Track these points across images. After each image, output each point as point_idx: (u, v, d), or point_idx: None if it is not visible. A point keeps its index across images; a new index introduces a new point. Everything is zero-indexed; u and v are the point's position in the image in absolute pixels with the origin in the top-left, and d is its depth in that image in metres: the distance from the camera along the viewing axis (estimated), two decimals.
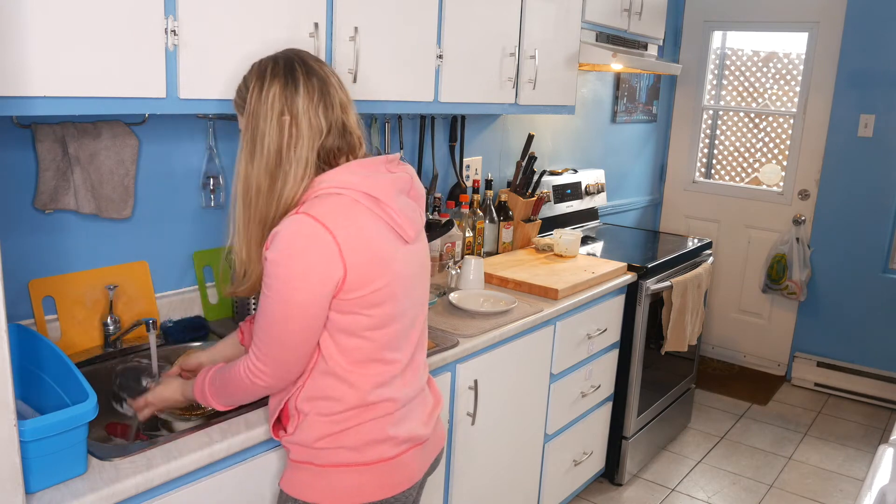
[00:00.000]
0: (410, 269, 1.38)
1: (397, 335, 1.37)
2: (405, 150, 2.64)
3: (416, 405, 1.45)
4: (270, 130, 1.29)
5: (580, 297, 2.53)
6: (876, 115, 3.87)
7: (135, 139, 1.81)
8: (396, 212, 1.33)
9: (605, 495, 3.05)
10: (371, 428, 1.35)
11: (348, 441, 1.34)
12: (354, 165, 1.33)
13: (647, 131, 4.40)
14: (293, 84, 1.30)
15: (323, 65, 1.37)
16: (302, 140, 1.30)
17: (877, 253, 3.98)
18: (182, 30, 1.49)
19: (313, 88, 1.31)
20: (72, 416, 1.22)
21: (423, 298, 1.47)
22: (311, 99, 1.30)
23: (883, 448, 1.57)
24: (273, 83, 1.30)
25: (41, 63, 1.30)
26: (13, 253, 1.65)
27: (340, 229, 1.25)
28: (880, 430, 3.76)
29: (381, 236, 1.31)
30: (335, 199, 1.28)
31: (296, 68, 1.31)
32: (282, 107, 1.29)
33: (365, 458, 1.35)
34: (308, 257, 1.23)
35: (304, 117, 1.29)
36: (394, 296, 1.34)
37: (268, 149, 1.30)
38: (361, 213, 1.29)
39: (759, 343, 4.45)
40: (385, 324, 1.34)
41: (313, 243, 1.23)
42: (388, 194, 1.32)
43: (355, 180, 1.30)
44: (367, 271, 1.28)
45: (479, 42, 2.34)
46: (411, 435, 1.41)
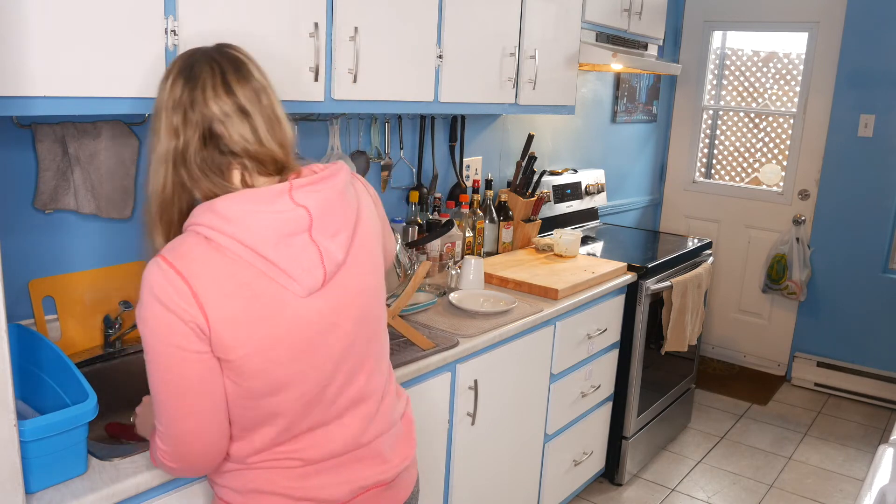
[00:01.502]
0: (317, 324, 1.17)
1: (299, 401, 1.18)
2: (405, 150, 2.64)
3: (340, 464, 1.25)
4: (167, 134, 1.16)
5: (580, 297, 2.53)
6: (876, 115, 3.87)
7: (135, 139, 1.80)
8: (279, 261, 1.11)
9: (605, 495, 3.05)
10: (258, 476, 1.20)
11: (235, 483, 1.21)
12: (237, 198, 1.12)
13: (647, 131, 4.40)
14: (190, 83, 1.16)
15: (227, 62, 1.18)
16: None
17: (877, 253, 3.98)
18: (182, 30, 1.49)
19: (217, 86, 1.15)
20: (72, 416, 1.22)
21: (351, 347, 1.23)
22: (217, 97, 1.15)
23: (883, 448, 1.57)
24: (176, 82, 1.17)
25: (41, 63, 1.30)
26: (13, 253, 1.65)
27: (196, 278, 1.07)
28: (880, 430, 3.76)
29: (254, 291, 1.10)
30: (197, 242, 1.10)
31: (200, 65, 1.17)
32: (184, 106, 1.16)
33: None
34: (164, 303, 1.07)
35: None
36: (281, 360, 1.14)
37: (166, 154, 1.17)
38: (227, 263, 1.09)
39: (759, 343, 4.45)
40: (272, 392, 1.15)
41: (165, 289, 1.07)
42: (264, 243, 1.11)
43: (226, 222, 1.10)
44: (234, 329, 1.09)
45: (479, 42, 2.34)
46: (314, 495, 1.22)
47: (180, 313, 1.07)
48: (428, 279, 2.45)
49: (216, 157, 1.15)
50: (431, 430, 1.99)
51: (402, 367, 1.83)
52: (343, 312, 1.21)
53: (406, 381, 1.84)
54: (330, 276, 1.17)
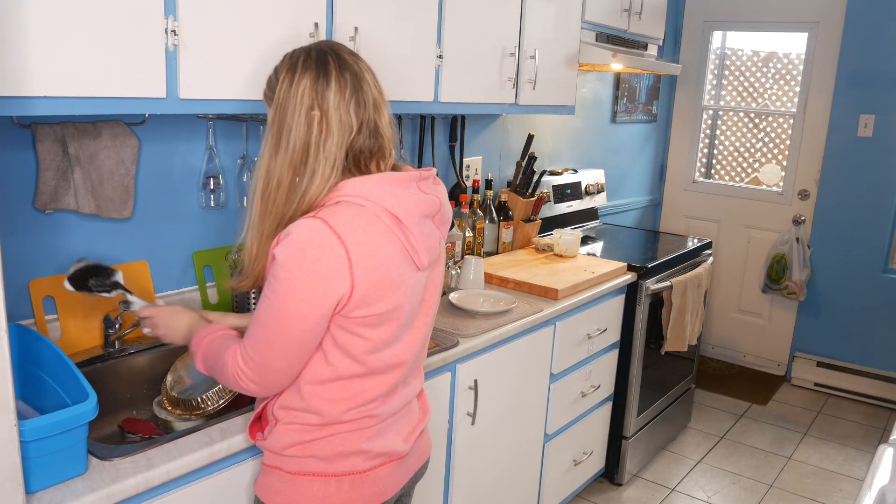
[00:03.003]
0: (416, 295, 1.33)
1: (391, 358, 1.32)
2: (405, 150, 2.64)
3: (398, 420, 1.39)
4: (298, 124, 1.23)
5: (580, 297, 2.53)
6: (876, 115, 3.88)
7: (135, 139, 1.81)
8: (416, 237, 1.27)
9: (605, 495, 3.05)
10: (343, 440, 1.31)
11: (318, 451, 1.30)
12: (384, 178, 1.26)
13: (647, 131, 4.40)
14: (325, 77, 1.23)
15: (359, 59, 1.30)
16: (331, 137, 1.23)
17: (877, 253, 3.98)
18: (182, 30, 1.49)
19: (346, 83, 1.24)
20: (72, 416, 1.22)
21: (425, 323, 1.40)
22: (342, 94, 1.23)
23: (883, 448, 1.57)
24: (304, 75, 1.24)
25: (41, 63, 1.30)
26: (13, 253, 1.65)
27: (354, 244, 1.19)
28: (880, 430, 3.76)
29: (395, 258, 1.25)
30: (355, 210, 1.21)
31: (329, 62, 1.25)
32: (311, 101, 1.23)
33: (335, 470, 1.30)
34: (316, 266, 1.17)
35: (335, 113, 1.23)
36: (394, 320, 1.29)
37: (294, 143, 1.23)
38: (380, 231, 1.22)
39: (758, 343, 4.45)
40: (379, 348, 1.29)
41: (324, 253, 1.17)
42: (411, 217, 1.26)
43: (381, 195, 1.23)
44: (373, 292, 1.22)
45: (479, 42, 2.34)
46: (388, 450, 1.36)
47: (329, 279, 1.18)
48: None
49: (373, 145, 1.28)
50: (431, 430, 1.99)
51: None
52: (432, 291, 1.40)
53: None
54: (434, 258, 1.35)
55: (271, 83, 1.30)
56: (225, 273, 2.09)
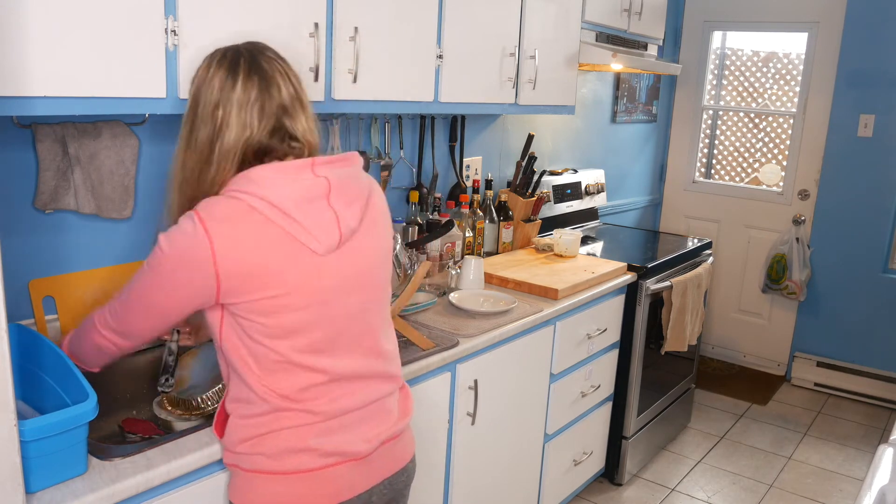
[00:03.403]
0: (329, 282, 1.30)
1: (307, 348, 1.29)
2: (405, 150, 2.64)
3: (359, 420, 1.36)
4: (205, 121, 1.29)
5: (580, 297, 2.53)
6: (876, 115, 3.88)
7: (135, 139, 1.81)
8: (302, 221, 1.25)
9: (605, 495, 3.05)
10: (289, 436, 1.29)
11: (265, 448, 1.29)
12: (268, 168, 1.27)
13: (647, 131, 4.40)
14: (233, 78, 1.28)
15: (275, 62, 1.32)
16: (230, 133, 1.28)
17: (877, 253, 3.98)
18: (182, 30, 1.50)
19: (252, 86, 1.28)
20: (72, 416, 1.22)
21: (366, 307, 1.37)
22: (247, 96, 1.28)
23: (883, 448, 1.57)
24: (216, 74, 1.29)
25: (41, 63, 1.30)
26: (13, 253, 1.65)
27: (220, 235, 1.21)
28: (880, 430, 3.76)
29: (273, 246, 1.24)
30: (228, 203, 1.25)
31: (240, 63, 1.29)
32: (217, 99, 1.28)
33: (283, 467, 1.29)
34: (181, 257, 1.24)
35: (237, 113, 1.28)
36: (296, 307, 1.26)
37: (201, 139, 1.29)
38: (252, 222, 1.23)
39: (758, 343, 4.45)
40: (287, 334, 1.27)
41: (190, 245, 1.22)
42: (290, 201, 1.25)
43: (256, 186, 1.25)
44: (247, 281, 1.23)
45: (479, 42, 2.34)
46: (342, 449, 1.33)
47: (192, 267, 1.23)
48: (428, 279, 2.45)
49: (275, 143, 1.31)
50: (431, 430, 2.00)
51: (402, 366, 1.83)
52: (358, 275, 1.35)
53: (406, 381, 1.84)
54: (345, 239, 1.31)
55: (193, 78, 1.35)
56: None
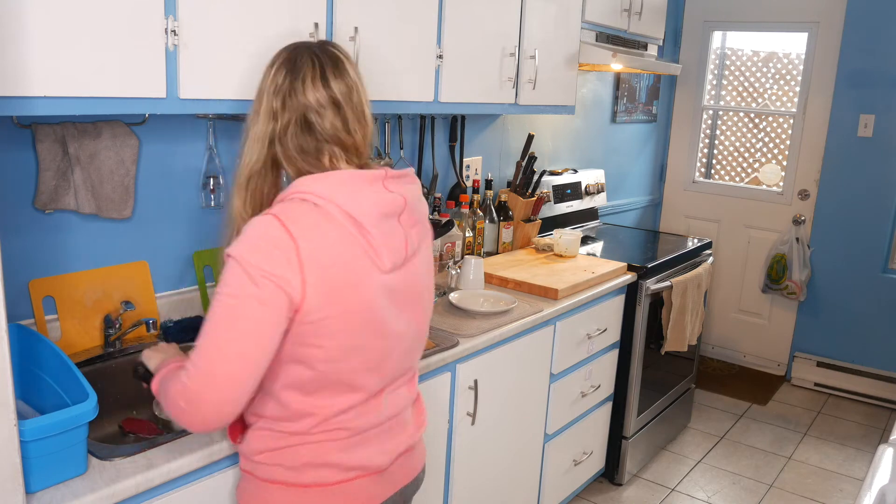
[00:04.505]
0: (383, 299, 1.27)
1: (361, 368, 1.27)
2: (405, 150, 2.64)
3: (381, 433, 1.35)
4: (267, 110, 1.27)
5: (580, 297, 2.53)
6: (876, 115, 3.88)
7: (135, 139, 1.81)
8: (375, 237, 1.23)
9: (605, 495, 3.05)
10: (311, 451, 1.27)
11: (285, 460, 1.27)
12: (342, 175, 1.25)
13: (647, 131, 4.40)
14: (292, 73, 1.27)
15: (326, 57, 1.29)
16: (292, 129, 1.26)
17: (877, 253, 3.98)
18: (182, 30, 1.49)
19: (315, 79, 1.26)
20: (72, 416, 1.22)
21: (412, 330, 1.36)
22: (314, 86, 1.26)
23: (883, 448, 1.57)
24: (279, 70, 1.28)
25: (41, 63, 1.30)
26: (13, 253, 1.65)
27: (305, 240, 1.16)
28: (880, 430, 3.76)
29: (350, 259, 1.21)
30: (307, 208, 1.20)
31: (303, 58, 1.28)
32: (277, 87, 1.27)
33: (301, 480, 1.27)
34: (267, 260, 1.14)
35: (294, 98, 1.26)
36: (355, 327, 1.23)
37: (263, 134, 1.28)
38: (332, 230, 1.20)
39: (758, 343, 4.46)
40: (340, 357, 1.23)
41: (275, 247, 1.15)
42: (369, 216, 1.23)
43: (335, 193, 1.22)
44: (326, 293, 1.18)
45: (479, 42, 2.34)
46: (363, 464, 1.31)
47: (277, 275, 1.14)
48: None
49: (309, 140, 1.27)
50: (431, 430, 1.99)
51: None
52: (411, 296, 1.34)
53: None
54: (407, 260, 1.31)
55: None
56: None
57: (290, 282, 1.15)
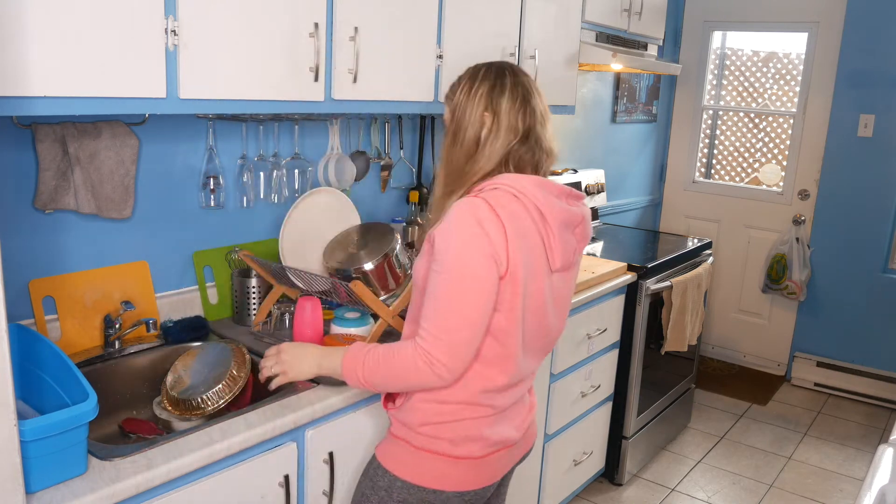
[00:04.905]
0: (548, 295, 1.44)
1: (520, 349, 1.43)
2: (405, 150, 2.64)
3: (514, 410, 1.52)
4: (473, 122, 1.43)
5: (580, 297, 2.53)
6: (876, 115, 3.88)
7: (135, 139, 1.81)
8: (555, 238, 1.40)
9: (605, 495, 3.05)
10: (469, 426, 1.43)
11: (446, 433, 1.42)
12: (539, 179, 1.41)
13: (647, 131, 4.40)
14: (500, 87, 1.44)
15: (529, 78, 1.49)
16: (499, 135, 1.42)
17: (877, 253, 3.98)
18: (182, 30, 1.49)
19: (517, 94, 1.44)
20: (72, 416, 1.22)
21: (554, 329, 1.52)
22: (513, 103, 1.43)
23: (883, 448, 1.57)
24: (483, 83, 1.45)
25: (41, 63, 1.30)
26: (13, 253, 1.65)
27: (510, 223, 1.33)
28: (880, 430, 3.76)
29: (535, 250, 1.38)
30: (510, 198, 1.36)
31: (505, 75, 1.46)
32: (486, 104, 1.43)
33: (457, 452, 1.43)
34: (479, 231, 1.30)
35: (505, 117, 1.42)
36: (527, 309, 1.40)
37: (468, 138, 1.43)
38: (528, 222, 1.37)
39: (758, 343, 4.45)
40: (512, 332, 1.39)
41: (486, 223, 1.31)
42: (555, 220, 1.40)
43: (534, 192, 1.38)
44: (519, 271, 1.34)
45: (479, 42, 2.34)
46: (503, 438, 1.48)
47: (491, 244, 1.31)
48: None
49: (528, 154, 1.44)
50: None
51: None
52: (564, 298, 1.52)
53: None
54: (566, 266, 1.47)
55: (453, 87, 1.51)
56: (225, 273, 2.09)
57: (497, 251, 1.31)
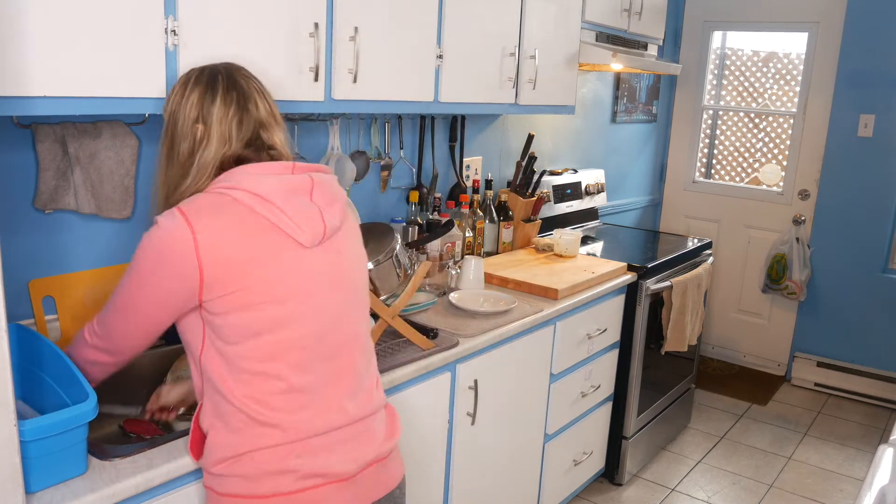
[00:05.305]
0: (313, 276, 1.30)
1: (290, 349, 1.26)
2: (405, 150, 2.64)
3: (344, 440, 1.31)
4: (185, 136, 1.33)
5: (580, 297, 2.53)
6: (876, 115, 3.88)
7: (135, 139, 1.81)
8: (287, 210, 1.27)
9: (605, 495, 3.05)
10: (267, 456, 1.24)
11: (243, 469, 1.24)
12: (250, 166, 1.31)
13: (647, 131, 4.40)
14: (212, 94, 1.34)
15: (251, 80, 1.39)
16: (210, 147, 1.32)
17: (877, 253, 3.98)
18: (182, 30, 1.50)
19: (231, 101, 1.34)
20: (72, 416, 1.22)
21: (345, 312, 1.35)
22: (226, 111, 1.33)
23: (883, 448, 1.57)
24: (194, 90, 1.34)
25: (41, 63, 1.30)
26: (13, 253, 1.65)
27: (202, 226, 1.22)
28: (880, 430, 3.76)
29: (261, 236, 1.25)
30: (212, 198, 1.27)
31: (218, 80, 1.35)
32: (197, 114, 1.33)
33: (259, 490, 1.24)
34: (163, 247, 1.23)
35: (217, 127, 1.32)
36: (279, 298, 1.25)
37: (182, 153, 1.34)
38: (236, 213, 1.25)
39: (759, 343, 4.45)
40: (270, 329, 1.24)
41: (172, 235, 1.22)
42: (275, 193, 1.27)
43: (239, 178, 1.28)
44: (230, 271, 1.22)
45: (479, 42, 2.34)
46: (324, 471, 1.27)
47: (174, 260, 1.22)
48: (428, 279, 2.45)
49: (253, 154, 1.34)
50: (431, 430, 2.00)
51: (402, 366, 1.83)
52: (340, 274, 1.35)
53: (406, 380, 1.85)
54: (329, 235, 1.33)
55: (168, 95, 1.40)
56: None
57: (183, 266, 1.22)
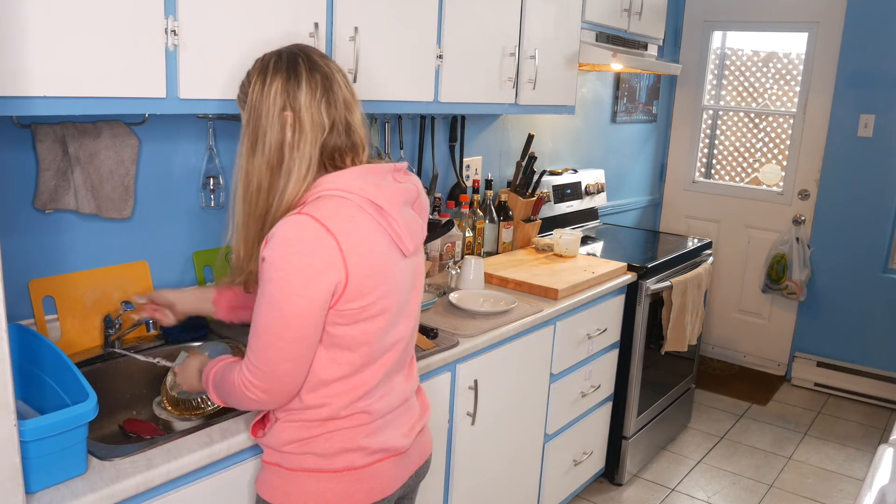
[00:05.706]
0: (405, 282, 1.35)
1: (384, 348, 1.34)
2: (405, 150, 2.64)
3: (397, 417, 1.40)
4: (272, 126, 1.26)
5: (580, 297, 2.53)
6: (876, 115, 3.87)
7: (135, 139, 1.81)
8: (399, 223, 1.29)
9: (605, 495, 3.05)
10: (342, 437, 1.32)
11: (317, 448, 1.31)
12: (362, 170, 1.29)
13: (647, 131, 4.40)
14: (295, 79, 1.26)
15: (328, 61, 1.33)
16: (304, 136, 1.26)
17: (877, 253, 3.98)
18: (182, 30, 1.49)
19: (316, 84, 1.27)
20: (72, 416, 1.22)
21: (414, 311, 1.42)
22: (313, 95, 1.26)
23: (883, 448, 1.57)
24: (275, 78, 1.27)
25: (41, 63, 1.30)
26: (13, 253, 1.65)
27: (343, 234, 1.20)
28: (880, 430, 3.76)
29: (382, 247, 1.27)
30: (338, 202, 1.24)
31: (299, 63, 1.28)
32: (283, 102, 1.26)
33: (333, 466, 1.31)
34: (309, 260, 1.18)
35: (307, 113, 1.26)
36: (387, 310, 1.31)
37: (269, 145, 1.26)
38: (365, 221, 1.25)
39: (759, 343, 4.45)
40: (376, 339, 1.30)
41: (315, 246, 1.18)
42: (392, 204, 1.29)
43: (361, 185, 1.26)
44: (365, 281, 1.24)
45: (479, 42, 2.34)
46: (386, 446, 1.36)
47: (323, 272, 1.19)
48: (428, 279, 2.45)
49: (343, 140, 1.30)
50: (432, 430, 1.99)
51: None
52: (417, 280, 1.42)
53: None
54: (416, 247, 1.37)
55: (244, 87, 1.33)
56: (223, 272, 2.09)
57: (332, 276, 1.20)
